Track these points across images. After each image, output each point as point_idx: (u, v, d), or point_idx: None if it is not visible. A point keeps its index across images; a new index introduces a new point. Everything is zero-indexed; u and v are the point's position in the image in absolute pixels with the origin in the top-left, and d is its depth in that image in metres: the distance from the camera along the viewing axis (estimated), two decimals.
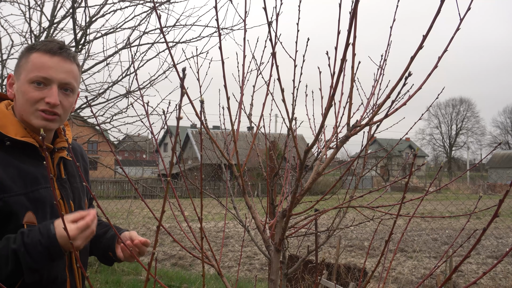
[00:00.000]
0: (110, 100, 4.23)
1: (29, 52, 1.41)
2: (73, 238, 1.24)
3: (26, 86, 1.38)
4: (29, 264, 1.23)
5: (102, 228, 1.67)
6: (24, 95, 1.38)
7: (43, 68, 1.38)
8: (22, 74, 1.39)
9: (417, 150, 0.96)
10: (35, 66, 1.38)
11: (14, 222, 1.32)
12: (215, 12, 1.08)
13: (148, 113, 1.34)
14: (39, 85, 1.38)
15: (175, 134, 0.77)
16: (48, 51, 1.39)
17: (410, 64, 0.95)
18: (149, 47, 4.20)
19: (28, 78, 1.37)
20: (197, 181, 5.65)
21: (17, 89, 1.40)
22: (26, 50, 1.43)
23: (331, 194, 2.03)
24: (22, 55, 1.43)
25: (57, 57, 1.41)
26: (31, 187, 1.36)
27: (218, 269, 1.26)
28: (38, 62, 1.38)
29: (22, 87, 1.38)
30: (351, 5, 0.94)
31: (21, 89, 1.38)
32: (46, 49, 1.39)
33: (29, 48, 1.43)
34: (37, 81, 1.37)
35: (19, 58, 1.44)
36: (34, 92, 1.37)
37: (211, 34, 4.24)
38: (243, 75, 1.37)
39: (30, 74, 1.37)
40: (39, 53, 1.39)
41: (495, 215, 0.70)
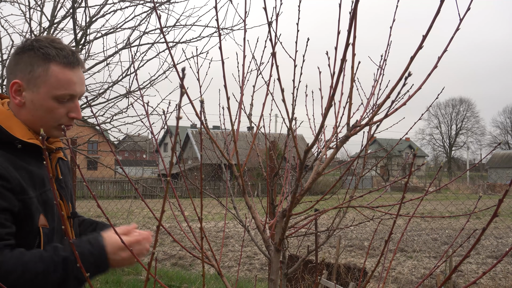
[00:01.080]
0: (110, 100, 4.23)
1: (46, 63, 1.34)
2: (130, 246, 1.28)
3: (51, 102, 1.35)
4: (77, 274, 1.23)
5: (89, 227, 1.67)
6: (49, 111, 1.36)
7: (70, 85, 1.37)
8: (42, 88, 1.34)
9: (416, 150, 0.96)
10: (61, 83, 1.35)
11: (29, 225, 1.31)
12: (215, 12, 1.08)
13: (148, 113, 1.34)
14: (63, 101, 1.37)
15: (175, 134, 0.77)
16: (68, 64, 1.36)
17: (410, 64, 0.95)
18: (149, 47, 4.20)
19: (54, 94, 1.34)
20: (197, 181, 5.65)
21: (33, 100, 1.35)
22: (40, 58, 1.34)
23: (331, 194, 2.03)
24: (32, 61, 1.34)
25: (76, 69, 1.39)
26: (40, 189, 1.35)
27: (218, 269, 1.26)
28: (63, 79, 1.35)
29: (45, 102, 1.35)
30: (351, 6, 0.95)
31: (43, 103, 1.35)
32: (66, 62, 1.36)
33: (43, 56, 1.34)
34: (63, 98, 1.36)
35: (29, 63, 1.35)
36: (60, 109, 1.37)
37: (211, 34, 4.24)
38: (243, 75, 1.37)
39: (57, 91, 1.34)
40: (60, 67, 1.35)
41: (495, 215, 0.70)
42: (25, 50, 1.36)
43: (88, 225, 1.67)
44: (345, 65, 1.09)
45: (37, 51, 1.34)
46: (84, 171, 26.22)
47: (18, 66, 1.36)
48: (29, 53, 1.35)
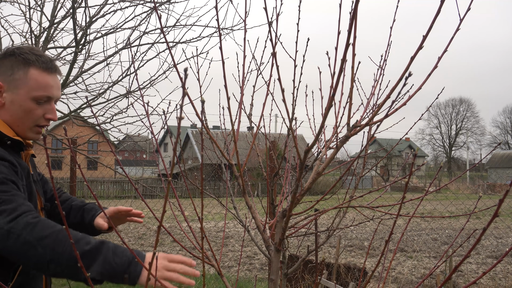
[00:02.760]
0: (110, 100, 4.23)
1: (26, 66, 1.44)
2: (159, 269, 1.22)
3: (29, 103, 1.44)
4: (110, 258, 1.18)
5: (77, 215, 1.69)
6: (28, 112, 1.44)
7: (47, 87, 1.47)
8: (22, 89, 1.43)
9: (417, 150, 0.96)
10: (39, 85, 1.45)
11: None
12: (216, 12, 1.08)
13: (148, 113, 1.34)
14: (40, 103, 1.46)
15: (176, 134, 0.77)
16: (47, 69, 1.47)
17: (410, 64, 0.95)
18: (149, 47, 4.20)
19: (32, 95, 1.44)
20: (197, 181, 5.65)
21: (13, 101, 1.43)
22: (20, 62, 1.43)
23: (331, 194, 2.03)
24: (13, 65, 1.43)
25: (53, 74, 1.50)
26: (26, 180, 1.45)
27: (218, 269, 1.26)
28: (42, 81, 1.45)
29: (24, 103, 1.44)
30: (351, 6, 0.95)
31: (22, 103, 1.44)
32: (45, 67, 1.46)
33: (23, 60, 1.44)
34: (41, 100, 1.46)
35: (10, 67, 1.44)
36: (38, 110, 1.46)
37: (211, 34, 4.23)
38: (243, 75, 1.37)
39: (35, 92, 1.44)
40: (39, 71, 1.45)
41: (495, 215, 0.70)
42: (6, 55, 1.46)
43: (76, 212, 1.70)
44: (345, 65, 1.09)
45: (18, 57, 1.45)
46: (84, 171, 26.20)
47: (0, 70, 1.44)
48: (10, 58, 1.45)
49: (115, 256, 1.19)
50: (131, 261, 1.20)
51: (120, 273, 1.17)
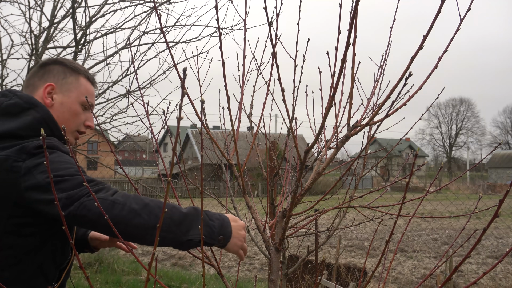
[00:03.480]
0: (110, 100, 4.22)
1: (77, 74, 1.56)
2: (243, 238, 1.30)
3: (78, 106, 1.54)
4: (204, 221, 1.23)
5: None
6: (75, 114, 1.54)
7: (92, 96, 1.60)
8: (73, 93, 1.54)
9: (417, 150, 0.96)
10: (88, 92, 1.57)
11: None
12: (215, 12, 1.08)
13: (148, 113, 1.34)
14: (85, 109, 1.57)
15: (175, 134, 0.77)
16: (92, 81, 1.61)
17: (410, 64, 0.95)
18: (149, 47, 4.20)
19: (81, 100, 1.54)
20: (197, 181, 5.65)
21: (63, 103, 1.52)
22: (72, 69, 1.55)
23: (331, 194, 2.03)
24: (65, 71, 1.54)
25: (94, 87, 1.64)
26: None
27: (218, 269, 1.26)
28: (90, 90, 1.59)
29: (74, 105, 1.53)
30: (351, 6, 0.94)
31: (71, 106, 1.53)
32: (92, 79, 1.61)
33: (74, 69, 1.56)
34: (85, 105, 1.56)
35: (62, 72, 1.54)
36: (82, 115, 1.56)
37: (211, 34, 4.23)
38: (243, 75, 1.37)
39: (83, 98, 1.54)
40: (87, 81, 1.59)
41: (495, 215, 0.70)
42: (55, 63, 1.56)
43: None
44: (346, 65, 1.09)
45: (66, 65, 1.57)
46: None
47: (51, 73, 1.53)
48: (59, 65, 1.56)
49: (210, 219, 1.25)
50: (223, 223, 1.26)
51: (216, 235, 1.25)
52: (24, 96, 1.45)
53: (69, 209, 1.20)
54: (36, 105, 1.44)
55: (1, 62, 4.02)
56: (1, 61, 4.03)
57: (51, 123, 1.43)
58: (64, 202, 1.21)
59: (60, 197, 1.21)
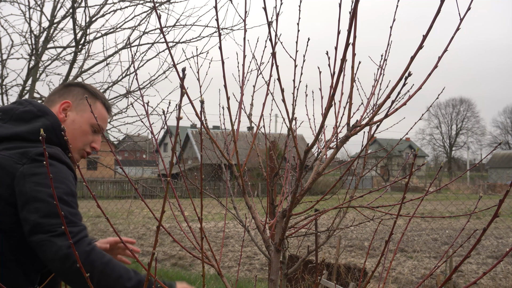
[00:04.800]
0: (110, 100, 4.22)
1: (95, 99, 1.66)
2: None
3: (87, 127, 1.62)
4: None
5: None
6: (84, 134, 1.62)
7: (104, 121, 1.70)
8: (86, 113, 1.62)
9: (417, 150, 0.96)
10: (101, 117, 1.67)
11: None
12: (215, 12, 1.08)
13: (148, 113, 1.34)
14: (94, 132, 1.65)
15: (175, 134, 0.77)
16: (108, 108, 1.71)
17: (410, 64, 0.95)
18: (149, 47, 4.20)
19: (92, 122, 1.63)
20: (197, 181, 5.64)
21: (75, 121, 1.60)
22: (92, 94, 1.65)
23: (331, 194, 2.03)
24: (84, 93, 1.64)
25: (110, 115, 1.74)
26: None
27: (218, 269, 1.25)
28: (103, 115, 1.69)
29: (84, 126, 1.62)
30: (351, 5, 0.94)
31: (81, 126, 1.61)
32: (108, 106, 1.71)
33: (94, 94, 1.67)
34: (95, 128, 1.64)
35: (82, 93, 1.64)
36: (91, 136, 1.64)
37: (211, 34, 4.23)
38: (243, 75, 1.37)
39: (95, 121, 1.62)
40: (102, 106, 1.69)
41: (495, 215, 0.69)
42: (77, 85, 1.68)
43: None
44: (345, 65, 1.09)
45: (87, 89, 1.67)
46: (84, 171, 26.19)
47: (70, 93, 1.64)
48: (81, 88, 1.67)
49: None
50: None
51: None
52: (38, 105, 1.53)
53: (31, 238, 1.27)
54: (48, 114, 1.51)
55: (1, 62, 4.02)
56: (1, 61, 4.03)
57: (59, 132, 1.48)
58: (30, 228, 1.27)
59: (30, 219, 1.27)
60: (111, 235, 10.98)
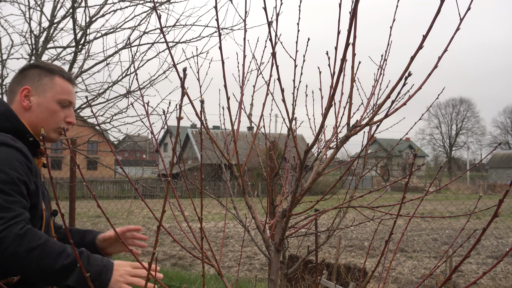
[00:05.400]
0: (110, 100, 4.22)
1: (52, 75, 1.62)
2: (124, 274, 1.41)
3: (55, 105, 1.61)
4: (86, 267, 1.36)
5: (77, 236, 1.79)
6: (53, 113, 1.61)
7: (70, 93, 1.66)
8: (48, 93, 1.60)
9: (417, 150, 0.96)
10: (64, 90, 1.64)
11: (37, 208, 1.47)
12: (215, 12, 1.08)
13: (148, 113, 1.34)
14: (63, 107, 1.63)
15: (175, 134, 0.77)
16: (69, 79, 1.67)
17: (410, 64, 0.95)
18: (149, 47, 4.19)
19: (57, 98, 1.62)
20: (197, 181, 5.64)
21: (40, 104, 1.59)
22: (46, 71, 1.61)
23: (331, 194, 2.03)
24: (40, 73, 1.61)
25: (73, 85, 1.70)
26: (36, 178, 1.53)
27: (218, 269, 1.26)
28: (66, 88, 1.65)
29: (50, 105, 1.60)
30: (351, 5, 0.94)
31: (48, 105, 1.60)
32: (67, 77, 1.67)
33: (49, 70, 1.62)
34: (64, 103, 1.63)
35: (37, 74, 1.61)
36: (61, 112, 1.63)
37: (211, 34, 4.23)
38: (243, 75, 1.37)
39: (60, 96, 1.62)
40: (63, 79, 1.65)
41: (495, 215, 0.70)
42: (30, 68, 1.64)
43: (76, 233, 1.81)
44: (345, 65, 1.09)
45: (42, 67, 1.63)
46: (84, 171, 26.19)
47: (26, 78, 1.61)
48: (35, 69, 1.63)
49: (89, 266, 1.38)
50: (102, 270, 1.39)
51: (93, 282, 1.36)
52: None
53: None
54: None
55: (1, 62, 4.02)
56: (1, 61, 4.03)
57: (11, 117, 1.50)
58: None
59: None
60: None
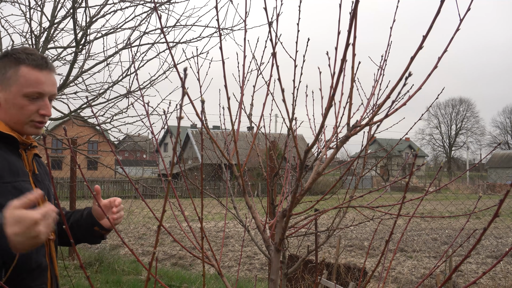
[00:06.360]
0: (111, 100, 4.22)
1: (17, 65, 1.48)
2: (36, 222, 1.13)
3: (21, 100, 1.48)
4: None
5: (77, 214, 1.74)
6: (20, 108, 1.49)
7: (38, 84, 1.50)
8: (13, 87, 1.48)
9: (417, 150, 0.96)
10: (29, 82, 1.48)
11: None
12: (216, 12, 1.08)
13: (148, 113, 1.34)
14: (33, 99, 1.50)
15: (175, 134, 0.77)
16: (37, 66, 1.50)
17: (410, 64, 0.95)
18: (150, 47, 4.20)
19: (23, 92, 1.48)
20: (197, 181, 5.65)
21: (6, 99, 1.48)
22: (12, 61, 1.48)
23: (331, 194, 2.03)
24: (5, 65, 1.48)
25: (45, 71, 1.52)
26: (14, 177, 1.45)
27: (218, 269, 1.26)
28: (32, 78, 1.49)
29: (16, 100, 1.48)
30: (351, 6, 0.95)
31: (14, 101, 1.48)
32: (35, 64, 1.50)
33: (14, 60, 1.48)
34: (32, 96, 1.49)
35: (3, 67, 1.48)
36: (30, 106, 1.49)
37: (211, 34, 4.23)
38: (243, 75, 1.37)
39: (26, 89, 1.48)
40: (29, 68, 1.48)
41: (495, 215, 0.70)
42: (1, 58, 1.51)
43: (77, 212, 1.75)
44: (345, 65, 1.09)
45: (10, 57, 1.50)
46: (84, 171, 26.18)
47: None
48: (4, 59, 1.50)
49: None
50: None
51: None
52: None
53: None
54: None
55: None
56: None
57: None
58: None
59: None
60: (111, 234, 10.99)
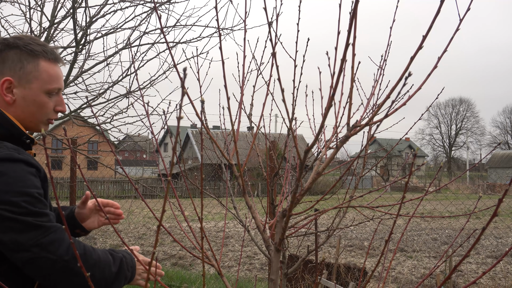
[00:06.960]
0: (111, 100, 4.22)
1: (35, 59, 1.37)
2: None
3: (43, 97, 1.39)
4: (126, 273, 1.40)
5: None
6: (41, 106, 1.39)
7: (58, 79, 1.42)
8: (34, 83, 1.37)
9: (417, 150, 0.96)
10: (51, 78, 1.40)
11: None
12: (216, 12, 1.09)
13: (148, 113, 1.34)
14: (52, 95, 1.42)
15: (175, 134, 0.77)
16: (55, 60, 1.42)
17: (410, 64, 0.95)
18: (150, 47, 4.20)
19: (45, 89, 1.38)
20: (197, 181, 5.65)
21: (25, 97, 1.36)
22: (28, 54, 1.37)
23: (331, 194, 2.03)
24: (21, 58, 1.36)
25: (59, 65, 1.45)
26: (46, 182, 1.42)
27: (218, 268, 1.26)
28: (53, 74, 1.41)
29: (38, 97, 1.38)
30: (351, 6, 0.95)
31: (35, 98, 1.38)
32: (53, 57, 1.41)
33: (31, 53, 1.37)
34: (53, 92, 1.41)
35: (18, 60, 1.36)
36: (49, 103, 1.41)
37: (211, 34, 4.23)
38: (243, 75, 1.37)
39: (48, 85, 1.39)
40: (48, 62, 1.40)
41: (495, 214, 0.70)
42: (9, 48, 1.36)
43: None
44: (345, 65, 1.09)
45: (23, 48, 1.36)
46: (84, 171, 26.21)
47: (5, 65, 1.35)
48: (15, 50, 1.36)
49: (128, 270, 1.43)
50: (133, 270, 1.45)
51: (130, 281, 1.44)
52: None
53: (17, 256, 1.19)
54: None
55: None
56: None
57: (5, 123, 1.32)
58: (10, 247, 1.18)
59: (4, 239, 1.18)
60: (111, 234, 10.99)
